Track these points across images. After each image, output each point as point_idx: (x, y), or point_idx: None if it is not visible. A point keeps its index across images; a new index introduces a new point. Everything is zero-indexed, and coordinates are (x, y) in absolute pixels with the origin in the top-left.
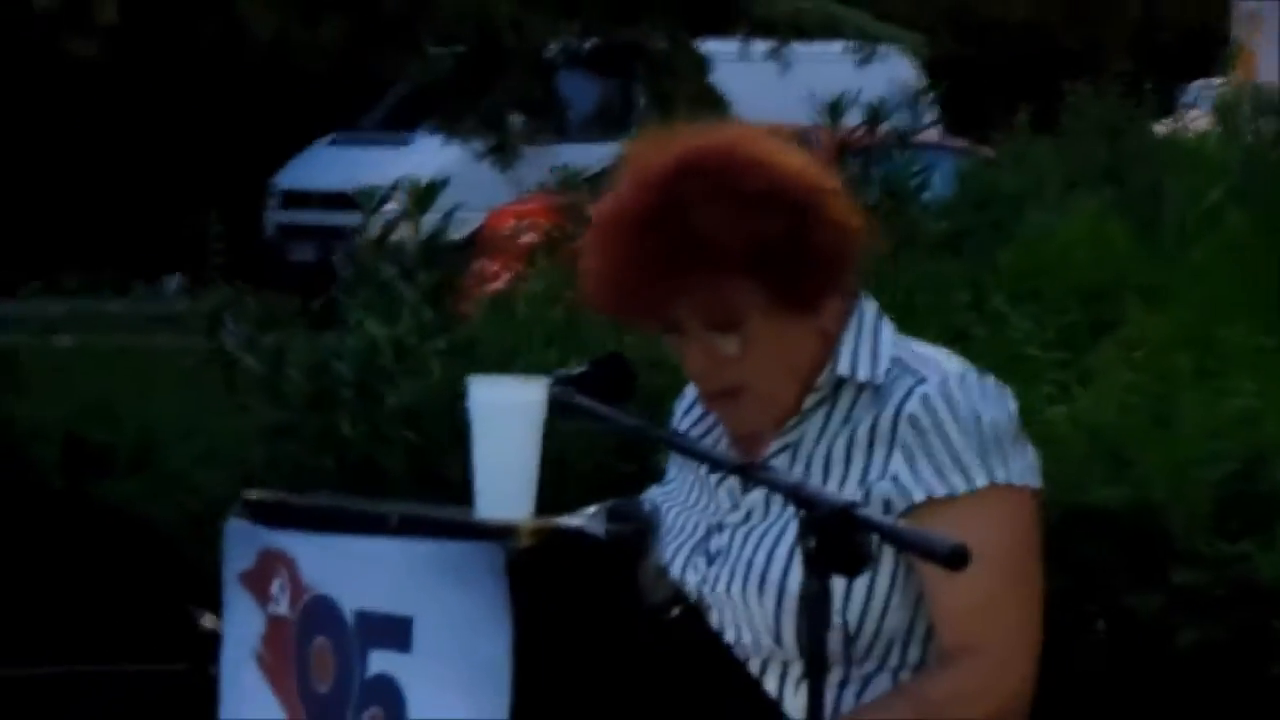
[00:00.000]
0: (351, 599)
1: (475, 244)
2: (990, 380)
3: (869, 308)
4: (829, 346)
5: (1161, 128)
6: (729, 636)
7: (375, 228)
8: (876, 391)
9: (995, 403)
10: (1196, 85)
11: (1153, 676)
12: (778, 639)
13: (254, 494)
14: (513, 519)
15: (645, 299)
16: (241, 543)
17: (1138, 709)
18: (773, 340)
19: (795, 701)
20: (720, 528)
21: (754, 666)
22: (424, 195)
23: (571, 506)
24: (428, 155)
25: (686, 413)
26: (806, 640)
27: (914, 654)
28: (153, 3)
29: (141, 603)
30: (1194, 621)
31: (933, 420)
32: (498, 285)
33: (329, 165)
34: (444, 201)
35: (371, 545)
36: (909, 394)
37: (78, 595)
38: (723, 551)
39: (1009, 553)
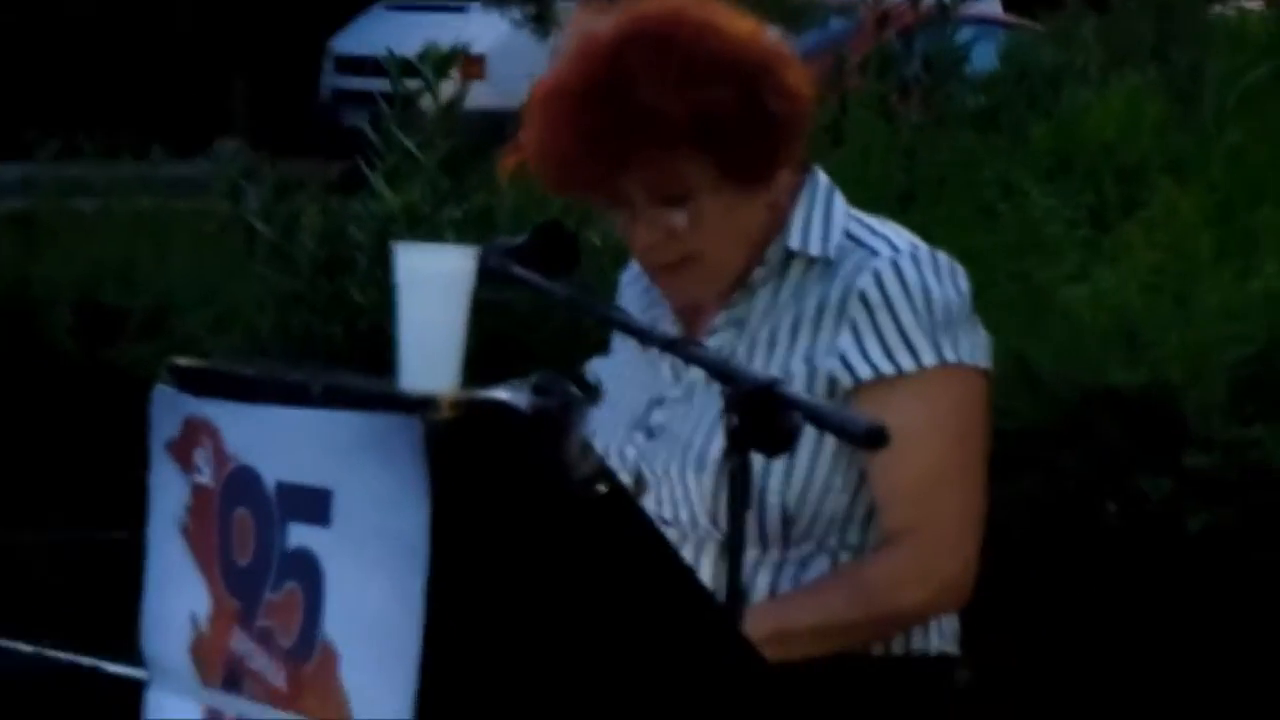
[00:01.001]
0: (273, 470)
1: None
2: (943, 256)
3: (821, 180)
4: (780, 219)
5: (1223, 8)
6: (666, 515)
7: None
8: (827, 266)
9: (947, 280)
10: None
11: (1163, 560)
12: (714, 520)
13: (181, 360)
14: (434, 391)
15: (589, 173)
16: (167, 410)
17: (1148, 591)
18: (722, 213)
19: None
20: (661, 402)
21: (690, 548)
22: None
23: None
24: (486, 23)
25: (631, 284)
26: (727, 518)
27: (854, 536)
28: None
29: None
30: (1205, 505)
31: (882, 296)
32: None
33: (384, 30)
34: (499, 71)
35: (294, 416)
36: (859, 269)
37: (87, 460)
38: (663, 427)
39: (954, 434)
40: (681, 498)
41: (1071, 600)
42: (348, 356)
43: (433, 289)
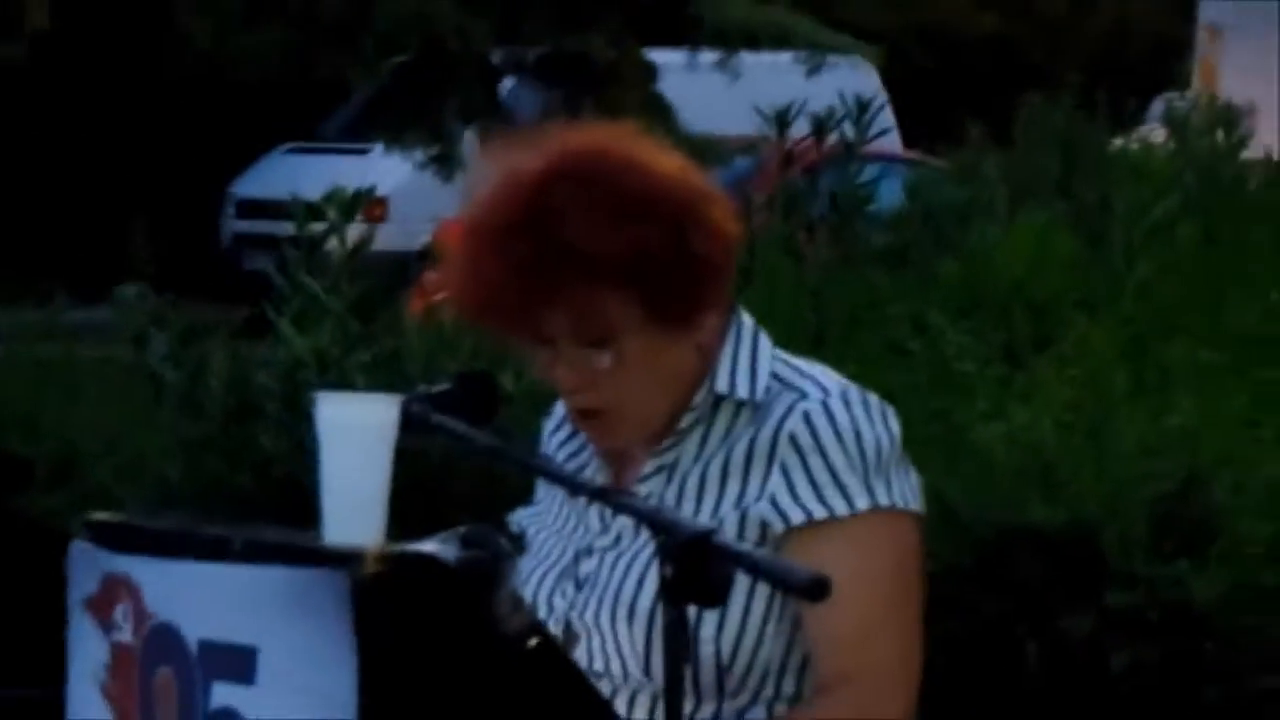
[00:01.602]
0: (194, 627)
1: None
2: (873, 398)
3: (746, 321)
4: (706, 362)
5: (1125, 141)
6: (598, 666)
7: (324, 239)
8: (755, 409)
9: (878, 422)
10: (1161, 99)
11: (1086, 699)
12: (647, 670)
13: (97, 516)
14: (359, 544)
15: (512, 310)
16: (85, 566)
17: None
18: (647, 356)
19: None
20: (590, 551)
21: (623, 698)
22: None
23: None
24: (388, 165)
25: (555, 430)
26: (664, 671)
27: (789, 686)
28: (86, 8)
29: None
30: (1127, 644)
31: (813, 439)
32: (443, 297)
33: (285, 173)
34: (401, 213)
35: (215, 571)
36: (789, 411)
37: None
38: (592, 577)
39: (889, 579)
40: (613, 649)
41: None
42: (259, 505)
43: (356, 439)
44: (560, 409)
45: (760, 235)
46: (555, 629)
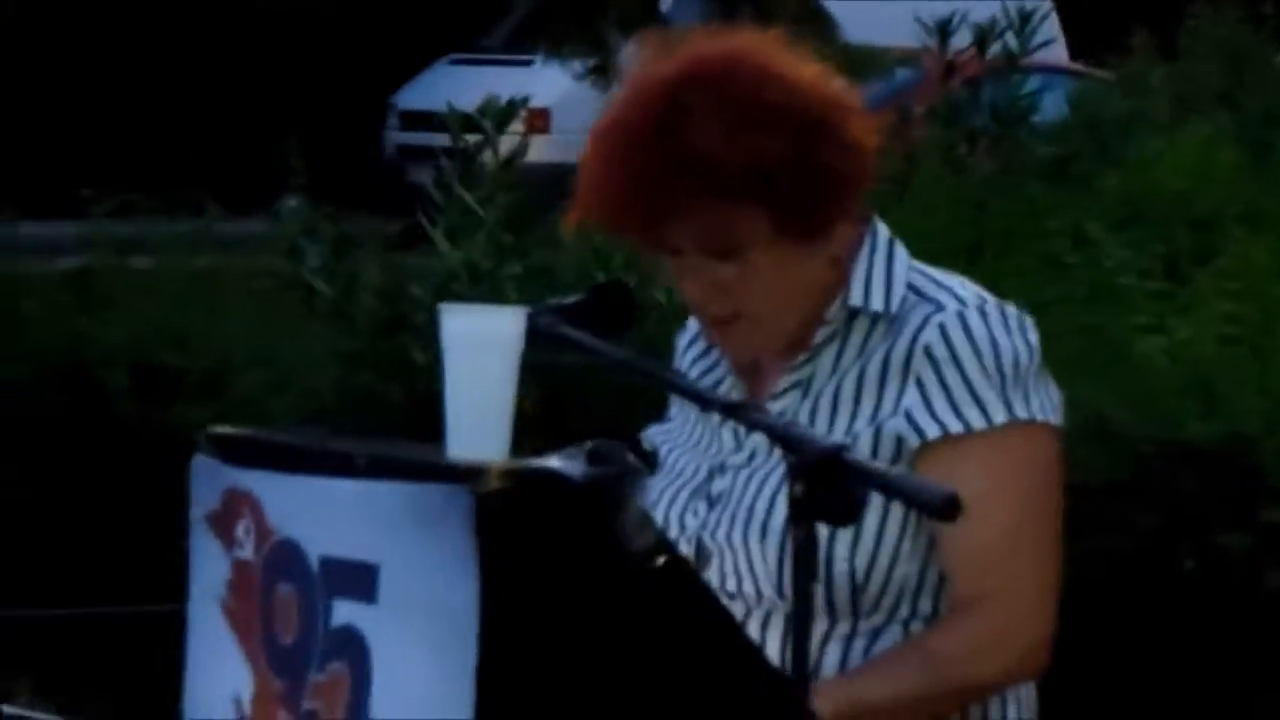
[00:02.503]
0: (317, 544)
1: None
2: (1011, 309)
3: (882, 232)
4: (840, 274)
5: None
6: (730, 586)
7: (479, 150)
8: (891, 322)
9: (1016, 333)
10: None
11: (1242, 616)
12: (780, 591)
13: (220, 429)
14: (484, 460)
15: (638, 218)
16: (207, 482)
17: (1227, 649)
18: (777, 268)
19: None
20: (723, 469)
21: (756, 620)
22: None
23: None
24: (550, 76)
25: (689, 345)
26: (792, 591)
27: (925, 605)
28: None
29: None
30: None
31: (949, 351)
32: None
33: (449, 85)
34: (564, 124)
35: (338, 487)
36: (924, 323)
37: (143, 527)
38: (724, 495)
39: (1027, 495)
40: (745, 568)
41: (1149, 659)
42: (408, 418)
43: (480, 352)
44: (694, 324)
45: (920, 147)
46: (687, 548)
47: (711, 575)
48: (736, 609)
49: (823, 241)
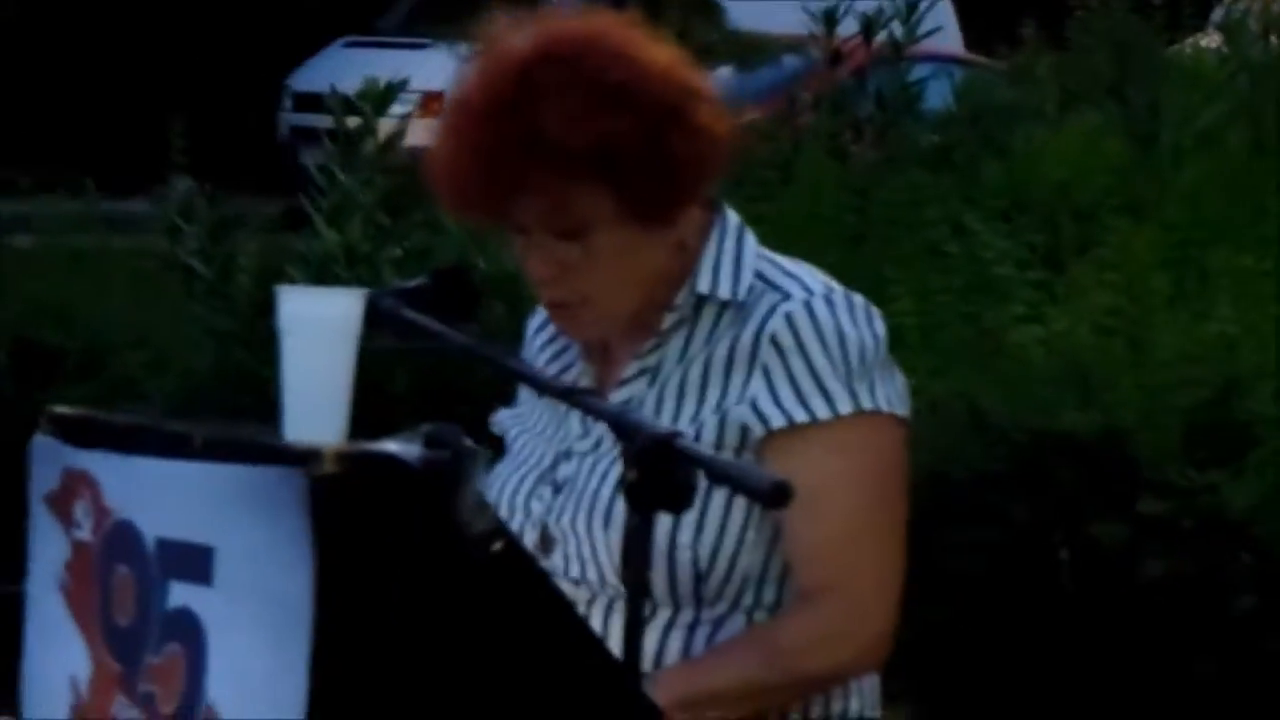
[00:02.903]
0: (153, 525)
1: None
2: (859, 298)
3: (731, 219)
4: (687, 260)
5: (1181, 47)
6: (574, 573)
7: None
8: (739, 310)
9: (863, 323)
10: (1222, 6)
11: (1119, 607)
12: (623, 578)
13: (60, 409)
14: (319, 443)
15: (484, 195)
16: (47, 461)
17: (1101, 640)
18: (621, 251)
19: (645, 644)
20: (568, 455)
21: (599, 606)
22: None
23: None
24: (446, 60)
25: (540, 330)
26: (629, 579)
27: (769, 595)
28: None
29: None
30: (1160, 553)
31: (795, 340)
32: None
33: (343, 67)
34: None
35: (175, 468)
36: (771, 312)
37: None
38: (569, 481)
39: (871, 484)
40: (589, 555)
41: (1025, 649)
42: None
43: (317, 334)
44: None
45: (806, 134)
46: (532, 533)
47: (556, 561)
48: (581, 596)
49: (668, 226)
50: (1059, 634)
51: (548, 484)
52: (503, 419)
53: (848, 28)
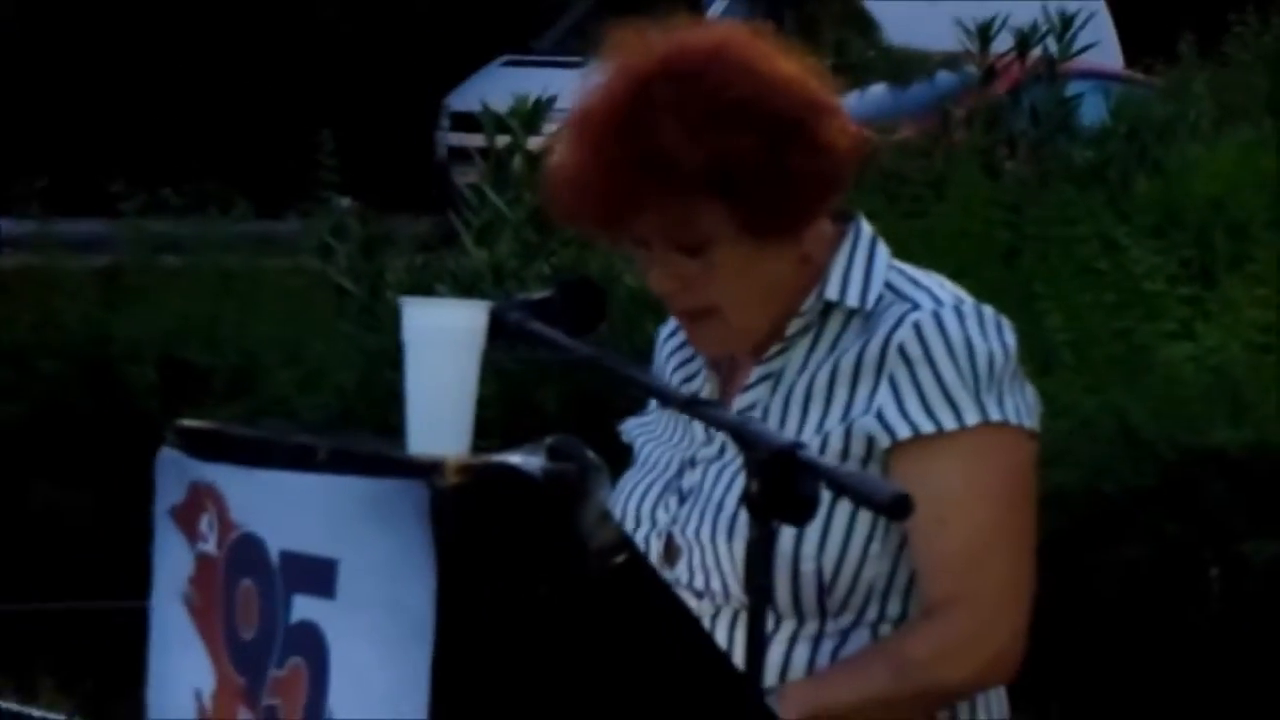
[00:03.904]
0: (278, 538)
1: None
2: (988, 310)
3: (864, 230)
4: (813, 272)
5: None
6: (699, 584)
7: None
8: (866, 319)
9: (993, 334)
10: None
11: (1267, 625)
12: (747, 589)
13: (186, 422)
14: (442, 455)
15: (604, 210)
16: (172, 475)
17: (1250, 658)
18: (742, 267)
19: (769, 656)
20: (693, 463)
21: (725, 617)
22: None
23: None
24: None
25: (669, 337)
26: (749, 590)
27: (894, 607)
28: None
29: None
30: None
31: (923, 350)
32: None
33: (500, 87)
34: None
35: (299, 481)
36: (900, 321)
37: None
38: (695, 490)
39: (998, 497)
40: (713, 565)
41: (1174, 666)
42: None
43: (442, 347)
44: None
45: (960, 151)
46: (658, 543)
47: (680, 572)
48: (705, 608)
49: (791, 241)
50: (1208, 651)
51: (673, 493)
52: (630, 428)
53: (1002, 43)
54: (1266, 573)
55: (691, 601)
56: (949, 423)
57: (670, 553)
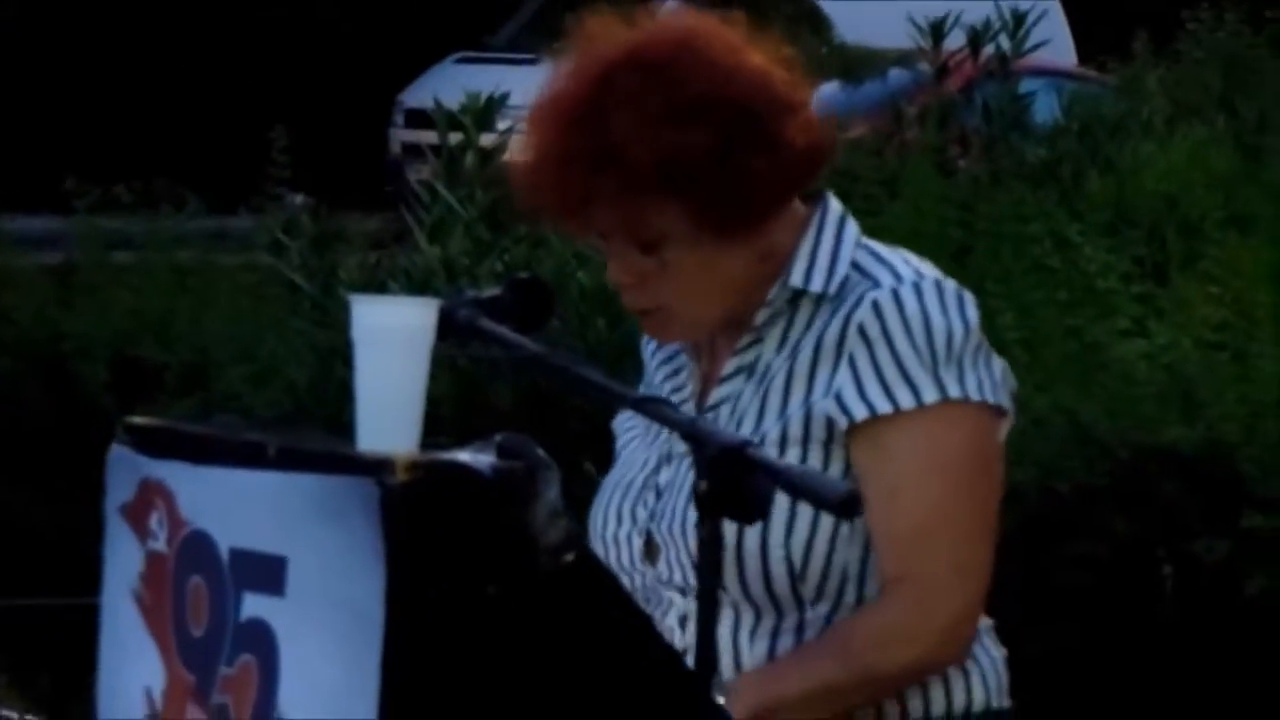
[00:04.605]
0: (227, 536)
1: None
2: (949, 284)
3: (832, 210)
4: (775, 262)
5: None
6: (678, 579)
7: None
8: (833, 301)
9: (953, 309)
10: None
11: (1221, 621)
12: (724, 584)
13: (136, 420)
14: (391, 452)
15: (560, 202)
16: (123, 472)
17: (1203, 655)
18: (697, 265)
19: (751, 652)
20: (669, 459)
21: None
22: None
23: None
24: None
25: None
26: (699, 586)
27: (871, 590)
28: None
29: None
30: (1263, 567)
31: (881, 329)
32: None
33: (454, 84)
34: None
35: (249, 478)
36: (859, 301)
37: None
38: (669, 486)
39: (956, 477)
40: (687, 561)
41: (1127, 664)
42: None
43: (391, 344)
44: None
45: (913, 148)
46: (638, 541)
47: (662, 569)
48: (689, 605)
49: (748, 239)
50: (1161, 648)
51: (651, 489)
52: (617, 424)
53: (955, 41)
54: (1218, 571)
55: (676, 599)
56: (906, 402)
57: (650, 550)
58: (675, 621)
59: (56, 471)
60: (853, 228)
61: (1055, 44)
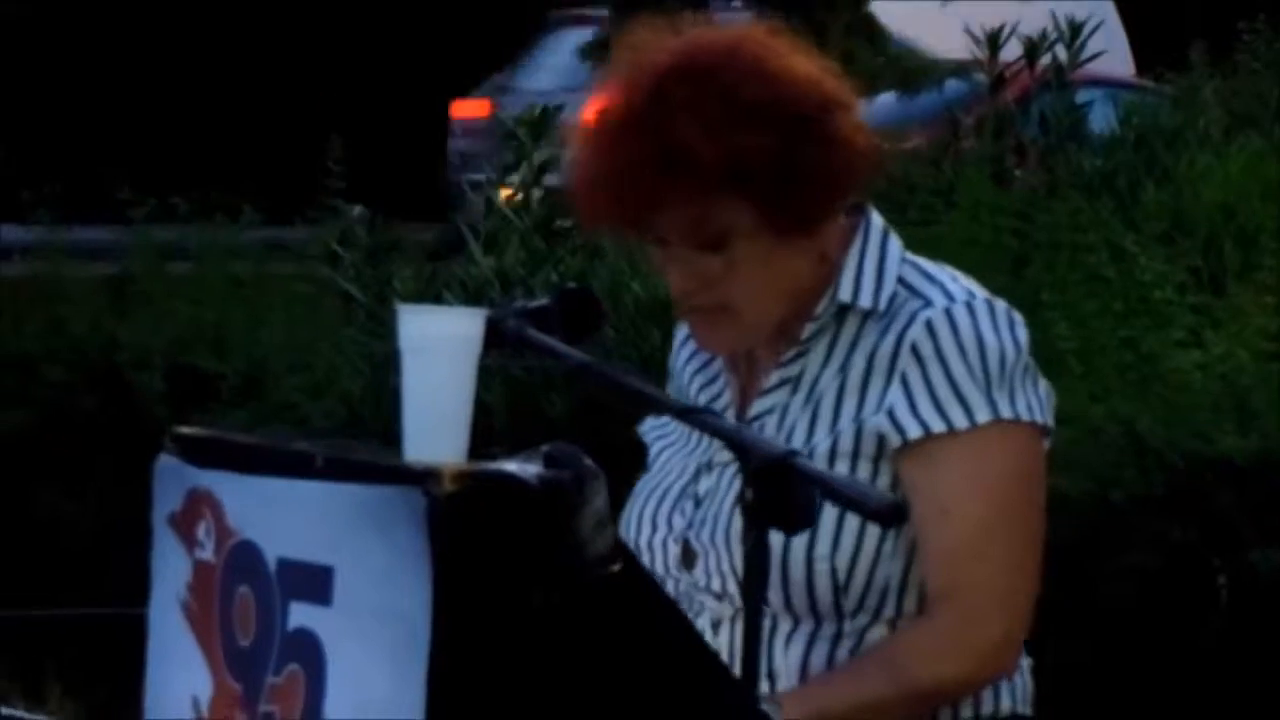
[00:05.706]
0: (274, 545)
1: None
2: (1000, 305)
3: (875, 224)
4: (828, 270)
5: None
6: (715, 587)
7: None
8: (881, 318)
9: (1004, 331)
10: None
11: (1275, 634)
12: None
13: (184, 429)
14: (438, 462)
15: (622, 208)
16: (170, 482)
17: (1257, 667)
18: (761, 263)
19: (785, 659)
20: (709, 467)
21: (742, 620)
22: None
23: None
24: None
25: (686, 340)
26: (744, 596)
27: (911, 604)
28: None
29: None
30: None
31: (935, 349)
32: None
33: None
34: None
35: (296, 488)
36: (912, 320)
37: None
38: (709, 494)
39: (1004, 496)
40: (729, 569)
41: (1181, 675)
42: None
43: (438, 354)
44: None
45: (969, 158)
46: (675, 547)
47: (699, 575)
48: (725, 609)
49: (810, 237)
50: (1216, 660)
51: (689, 497)
52: (647, 430)
53: (1011, 51)
54: (1274, 581)
55: (711, 604)
56: (960, 421)
57: (687, 556)
58: (708, 625)
59: (111, 481)
60: (896, 242)
61: (1112, 54)
